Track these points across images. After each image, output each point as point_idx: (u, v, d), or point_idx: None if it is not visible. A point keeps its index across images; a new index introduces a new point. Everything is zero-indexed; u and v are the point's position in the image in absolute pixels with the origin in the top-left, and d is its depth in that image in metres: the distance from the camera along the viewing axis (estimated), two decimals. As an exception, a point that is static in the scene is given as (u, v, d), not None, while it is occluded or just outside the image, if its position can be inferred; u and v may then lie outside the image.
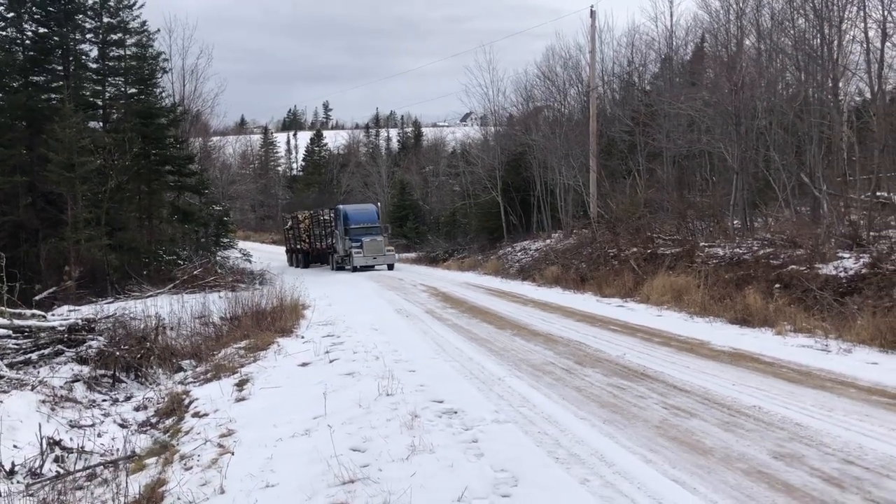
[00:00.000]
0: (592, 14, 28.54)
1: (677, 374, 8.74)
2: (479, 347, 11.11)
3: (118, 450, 7.63)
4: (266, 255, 42.25)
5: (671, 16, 32.53)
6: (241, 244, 37.17)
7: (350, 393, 8.08)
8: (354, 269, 34.24)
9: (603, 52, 33.01)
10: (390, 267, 34.74)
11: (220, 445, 6.61)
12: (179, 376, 10.99)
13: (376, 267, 35.28)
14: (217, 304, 15.46)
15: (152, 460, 6.73)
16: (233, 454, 6.09)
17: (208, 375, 10.37)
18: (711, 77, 28.45)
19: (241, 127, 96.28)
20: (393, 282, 25.12)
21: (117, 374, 10.71)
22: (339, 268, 36.50)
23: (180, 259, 25.33)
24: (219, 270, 24.77)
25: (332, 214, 38.69)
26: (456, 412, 7.14)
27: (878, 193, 19.20)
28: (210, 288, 19.54)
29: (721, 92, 24.23)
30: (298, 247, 44.19)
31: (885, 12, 20.45)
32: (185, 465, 6.30)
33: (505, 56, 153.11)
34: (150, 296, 17.72)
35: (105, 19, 25.03)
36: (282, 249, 48.46)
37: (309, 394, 8.23)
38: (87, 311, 14.21)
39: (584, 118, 31.07)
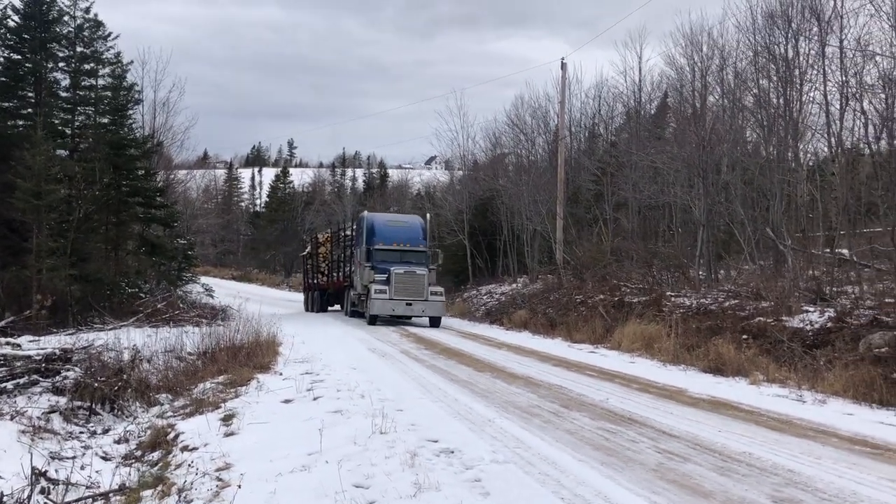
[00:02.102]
0: (563, 66, 29.30)
1: (663, 420, 8.90)
2: (462, 389, 11.15)
3: (100, 483, 7.48)
4: (226, 290, 41.59)
5: (639, 70, 33.39)
6: (203, 279, 36.65)
7: (342, 430, 8.05)
8: (372, 320, 23.77)
9: (571, 103, 33.81)
10: (435, 322, 23.48)
11: (220, 479, 6.53)
12: (156, 410, 10.80)
13: (412, 318, 24.81)
14: (188, 337, 15.24)
15: (148, 492, 6.61)
16: (240, 487, 6.02)
17: (188, 410, 10.21)
18: (676, 131, 29.35)
19: (204, 161, 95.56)
20: (361, 321, 25.03)
21: (94, 406, 10.48)
22: (355, 312, 26.70)
23: (143, 292, 24.94)
24: (181, 305, 24.43)
25: (353, 227, 28.76)
26: (453, 451, 7.17)
27: (837, 250, 19.88)
28: (174, 322, 19.26)
29: (689, 146, 24.98)
30: (315, 281, 34.89)
31: (845, 77, 21.42)
32: (184, 497, 6.21)
33: (475, 102, 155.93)
34: (113, 328, 17.42)
35: (79, 49, 24.92)
36: (239, 287, 42.90)
37: (299, 430, 8.17)
38: (52, 341, 13.92)
39: (552, 166, 31.66)
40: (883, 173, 20.46)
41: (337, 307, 31.61)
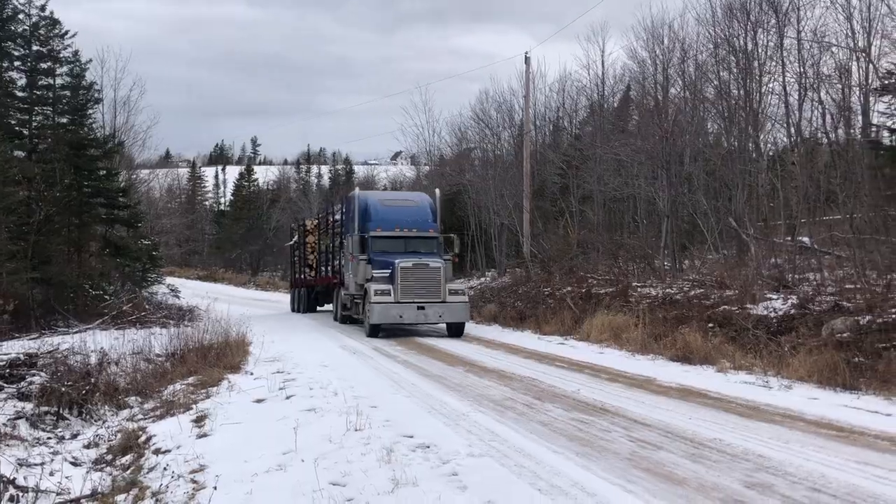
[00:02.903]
0: (527, 60, 29.40)
1: (635, 409, 9.02)
2: (435, 383, 11.19)
3: (71, 489, 7.36)
4: (192, 290, 41.13)
5: (602, 64, 33.67)
6: (168, 280, 36.15)
7: (316, 428, 8.04)
8: (374, 331, 18.44)
9: (536, 97, 33.98)
10: (457, 330, 18.63)
11: (194, 481, 6.48)
12: (126, 413, 10.64)
13: (421, 326, 19.74)
14: (156, 339, 15.07)
15: (121, 497, 6.54)
16: (215, 489, 5.98)
17: (159, 412, 10.10)
18: (639, 123, 29.67)
19: (167, 160, 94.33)
20: (328, 319, 24.89)
21: (61, 411, 10.31)
22: (347, 318, 21.68)
23: (107, 294, 24.56)
24: (147, 306, 24.11)
25: (342, 210, 23.69)
26: (429, 446, 7.19)
27: (798, 238, 20.27)
28: (141, 324, 19.02)
29: (652, 138, 25.26)
30: (302, 276, 30.32)
31: (802, 67, 21.82)
32: (159, 501, 6.15)
33: (440, 97, 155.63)
34: (79, 331, 17.15)
35: (35, 47, 24.39)
36: (206, 287, 41.30)
37: (273, 429, 8.13)
38: (15, 346, 13.66)
39: (518, 160, 31.79)
40: (841, 162, 20.91)
41: (329, 307, 26.80)
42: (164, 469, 7.08)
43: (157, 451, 7.88)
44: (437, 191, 23.92)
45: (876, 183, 18.80)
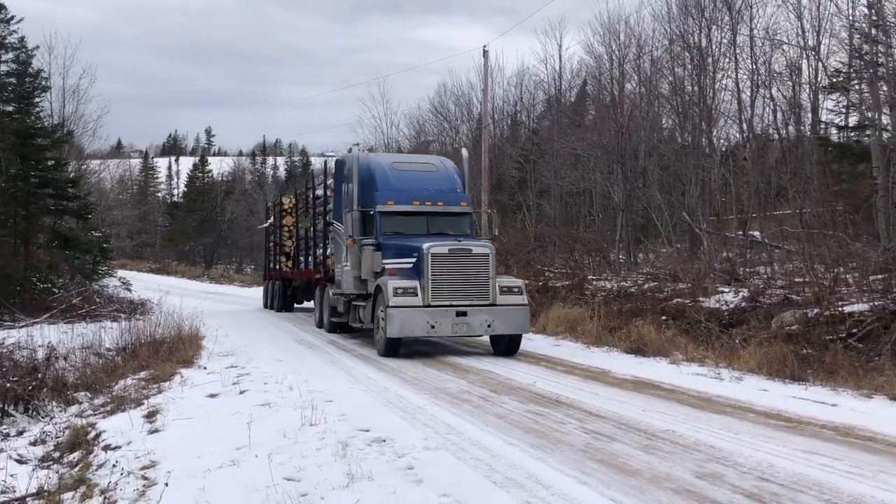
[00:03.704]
0: (485, 54, 29.40)
1: (589, 401, 9.11)
2: (391, 377, 11.16)
3: (16, 487, 7.17)
4: (144, 283, 40.33)
5: (560, 59, 33.86)
6: (120, 272, 35.39)
7: (270, 423, 7.95)
8: (391, 349, 13.36)
9: (494, 91, 34.05)
10: (510, 347, 13.61)
11: (144, 478, 6.36)
12: (75, 409, 10.39)
13: (459, 339, 14.95)
14: (107, 333, 14.75)
15: (68, 495, 6.37)
16: (167, 485, 5.86)
17: (109, 407, 9.88)
18: (595, 118, 29.94)
19: (118, 150, 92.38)
20: (308, 320, 24.62)
21: (6, 407, 10.03)
22: (339, 326, 16.91)
23: (56, 287, 23.98)
24: (97, 299, 23.61)
25: (329, 182, 18.54)
26: (385, 440, 7.17)
27: (749, 232, 20.67)
28: (91, 318, 18.61)
29: (607, 133, 25.50)
30: (277, 266, 25.89)
31: (755, 64, 22.20)
32: (108, 498, 6.02)
33: (398, 90, 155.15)
34: (25, 325, 16.73)
35: (-22, 33, 23.67)
36: (158, 280, 39.79)
37: (226, 424, 8.01)
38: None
39: (476, 153, 31.82)
40: (791, 158, 21.37)
41: (309, 304, 22.50)
42: (114, 466, 6.92)
43: (106, 448, 7.71)
44: (465, 151, 18.81)
45: (824, 178, 19.26)
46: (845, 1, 19.60)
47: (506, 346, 13.56)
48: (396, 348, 13.34)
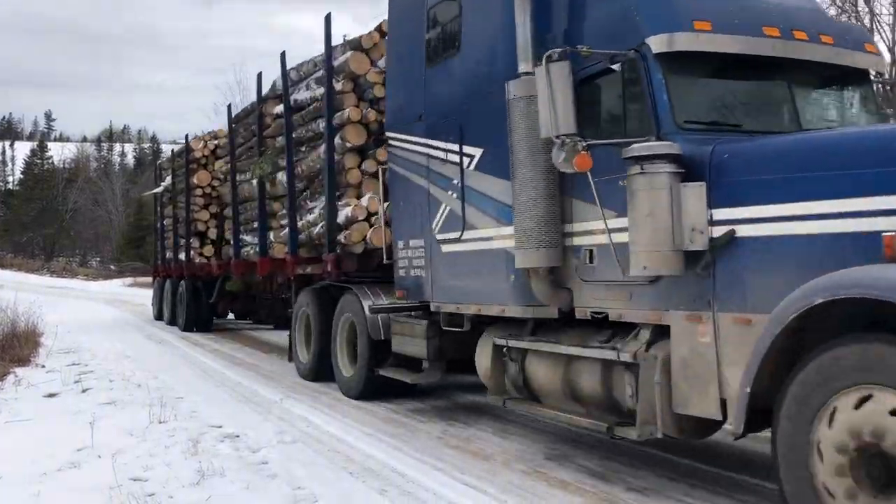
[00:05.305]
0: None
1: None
2: (247, 372, 10.94)
3: None
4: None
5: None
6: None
7: (116, 422, 7.59)
8: None
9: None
10: None
11: (-29, 486, 5.89)
12: None
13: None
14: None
15: None
16: (-4, 492, 5.46)
17: (-70, 412, 9.09)
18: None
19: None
20: (132, 307, 23.57)
21: None
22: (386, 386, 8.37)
23: None
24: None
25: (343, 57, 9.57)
26: (238, 436, 7.01)
27: None
28: None
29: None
30: (178, 257, 17.82)
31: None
32: (-72, 510, 5.53)
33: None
34: None
35: None
36: None
37: (67, 425, 7.57)
38: None
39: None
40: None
41: (227, 324, 17.73)
42: (-65, 474, 6.38)
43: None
44: None
45: None
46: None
47: None
48: None
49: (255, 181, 12.30)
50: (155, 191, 20.98)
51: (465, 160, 6.48)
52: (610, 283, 5.17)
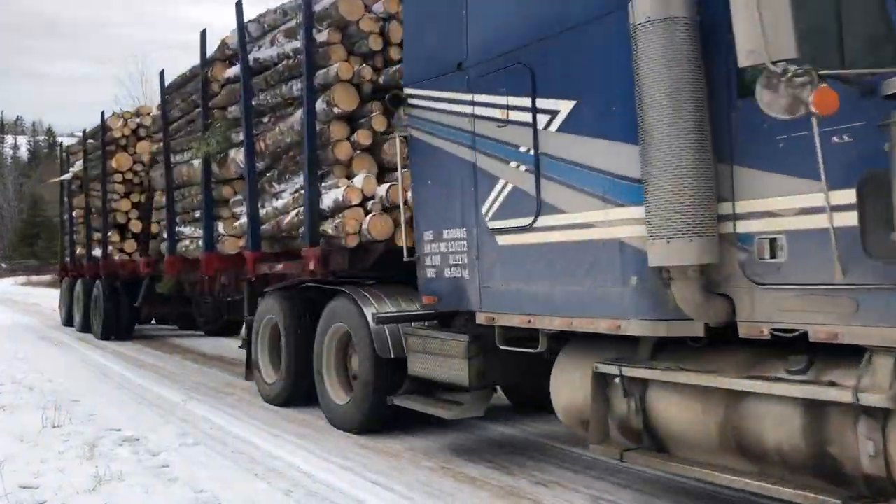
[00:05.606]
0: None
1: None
2: (148, 373, 10.62)
3: None
4: None
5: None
6: None
7: (5, 427, 7.24)
8: None
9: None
10: None
11: None
12: None
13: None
14: None
15: None
16: None
17: None
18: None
19: None
20: (25, 307, 22.46)
21: None
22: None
23: None
24: None
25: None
26: (138, 439, 6.79)
27: None
28: None
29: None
30: (97, 252, 15.33)
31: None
32: None
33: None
34: None
35: None
36: None
37: (-51, 433, 7.17)
38: None
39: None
40: None
41: (155, 329, 16.23)
42: None
43: None
44: None
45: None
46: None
47: None
48: None
49: (197, 162, 10.26)
50: (62, 177, 18.46)
51: (542, 119, 4.75)
52: (814, 287, 3.53)
